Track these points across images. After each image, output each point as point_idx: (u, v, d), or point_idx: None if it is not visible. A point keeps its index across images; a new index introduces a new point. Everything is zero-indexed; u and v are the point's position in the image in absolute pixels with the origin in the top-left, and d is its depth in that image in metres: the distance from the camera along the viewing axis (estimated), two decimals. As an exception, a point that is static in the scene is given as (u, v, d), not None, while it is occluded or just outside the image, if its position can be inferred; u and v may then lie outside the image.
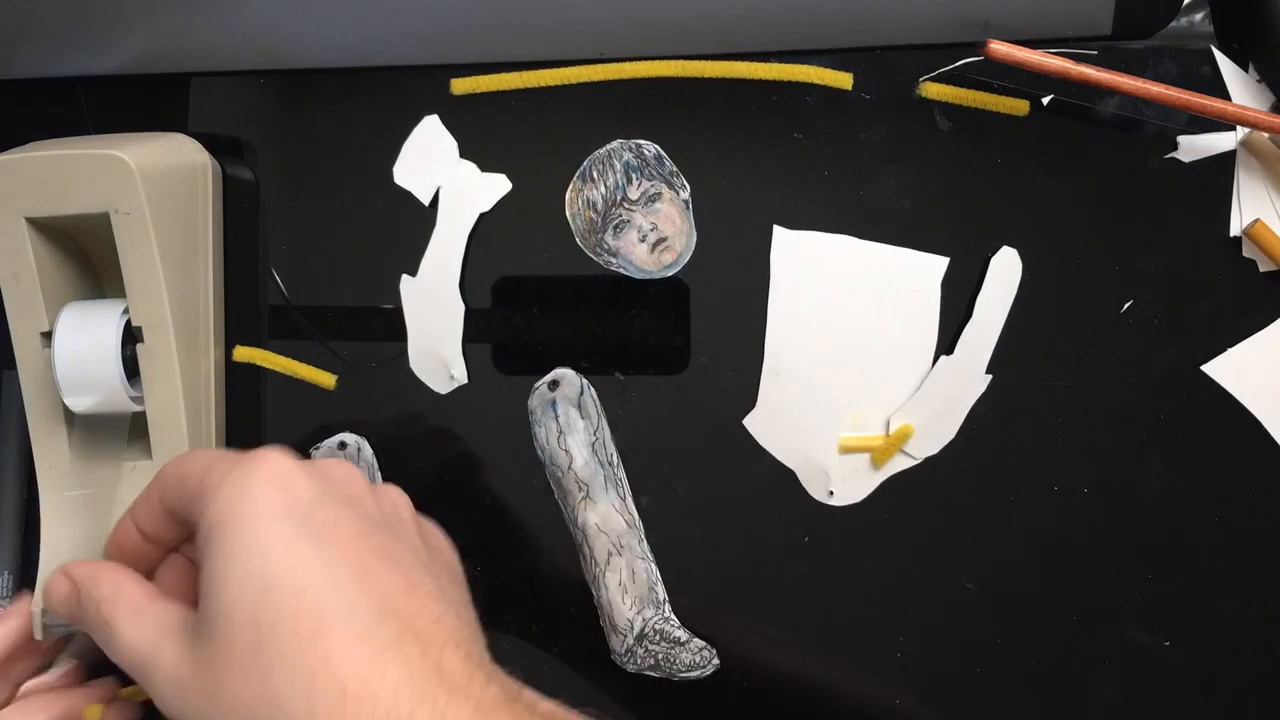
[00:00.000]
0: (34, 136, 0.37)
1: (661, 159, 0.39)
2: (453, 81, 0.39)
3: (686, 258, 0.39)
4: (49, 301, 0.34)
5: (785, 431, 0.39)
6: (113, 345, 0.34)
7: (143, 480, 0.36)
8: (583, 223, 0.39)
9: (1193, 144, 0.39)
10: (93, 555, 0.35)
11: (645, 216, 0.38)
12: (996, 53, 0.36)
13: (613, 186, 0.39)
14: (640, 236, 0.38)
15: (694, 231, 0.39)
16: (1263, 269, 0.39)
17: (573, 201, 0.39)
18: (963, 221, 0.39)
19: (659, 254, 0.38)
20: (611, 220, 0.38)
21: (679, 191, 0.39)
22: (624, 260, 0.39)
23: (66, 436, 0.36)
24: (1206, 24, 0.39)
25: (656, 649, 0.38)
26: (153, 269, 0.34)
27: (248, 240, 0.40)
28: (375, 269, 0.40)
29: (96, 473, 0.36)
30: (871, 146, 0.39)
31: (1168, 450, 0.39)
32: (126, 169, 0.33)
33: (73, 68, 0.40)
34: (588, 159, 0.39)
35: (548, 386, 0.39)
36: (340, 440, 0.40)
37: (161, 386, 0.35)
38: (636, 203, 0.38)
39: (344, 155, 0.40)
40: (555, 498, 0.39)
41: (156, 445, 0.36)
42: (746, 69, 0.39)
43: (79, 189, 0.33)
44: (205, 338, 0.38)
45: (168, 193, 0.35)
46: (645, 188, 0.38)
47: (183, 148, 0.37)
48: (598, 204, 0.39)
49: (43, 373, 0.35)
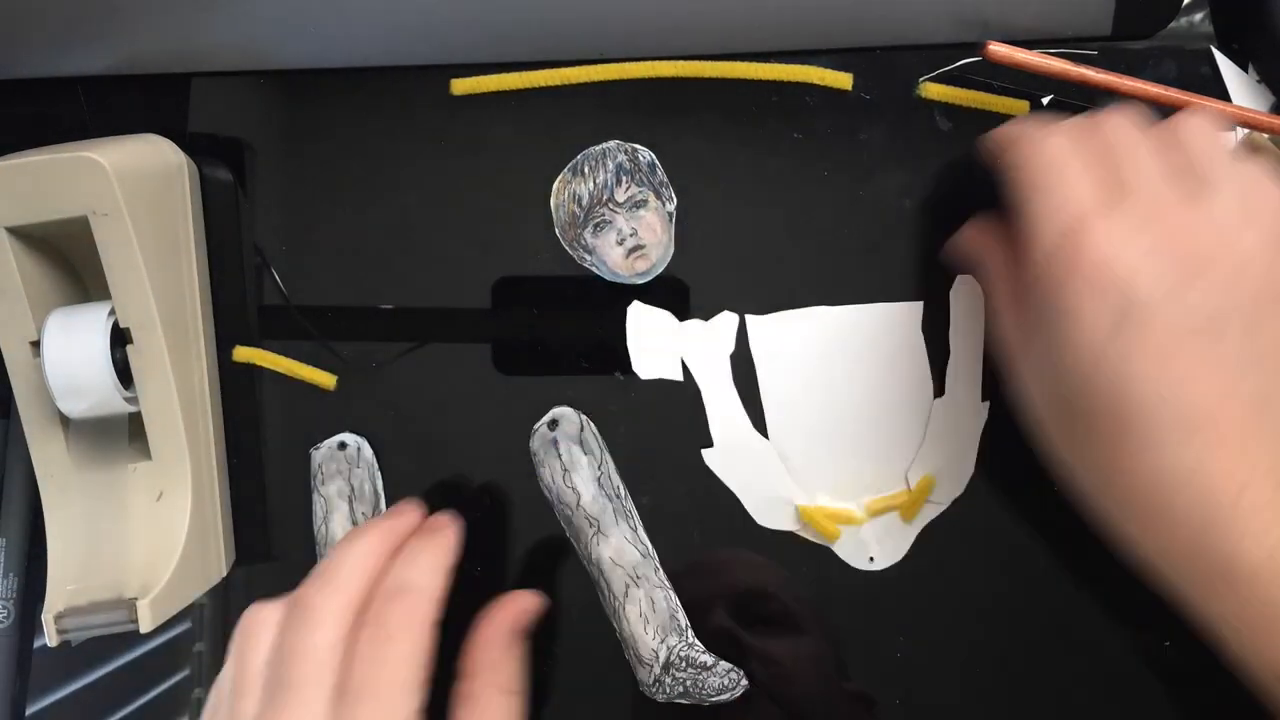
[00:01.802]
0: (34, 136, 0.37)
1: (655, 167, 0.39)
2: (453, 82, 0.39)
3: (660, 269, 0.39)
4: (35, 310, 0.34)
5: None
6: (102, 348, 0.34)
7: (144, 482, 0.36)
8: (565, 215, 0.39)
9: (1193, 144, 0.39)
10: (99, 562, 0.35)
11: (628, 221, 0.38)
12: (996, 54, 0.36)
13: (601, 185, 0.39)
14: (619, 239, 0.38)
15: (672, 244, 0.39)
16: (1263, 269, 0.39)
17: (559, 192, 0.39)
18: (962, 222, 0.39)
19: (634, 260, 0.38)
20: (594, 218, 0.38)
21: (665, 202, 0.39)
22: (598, 259, 0.39)
23: (64, 443, 0.36)
24: (1206, 24, 0.39)
25: (684, 676, 0.37)
26: (136, 268, 0.34)
27: (234, 240, 0.40)
28: (375, 269, 0.40)
29: (97, 477, 0.36)
30: (871, 146, 0.39)
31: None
32: (101, 170, 0.33)
33: (73, 68, 0.40)
34: (581, 153, 0.39)
35: (547, 426, 0.39)
36: (340, 440, 0.40)
37: (155, 386, 0.35)
38: (622, 205, 0.38)
39: (344, 155, 0.40)
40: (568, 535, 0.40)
41: (155, 445, 0.36)
42: (746, 69, 0.39)
43: (56, 194, 0.33)
44: (195, 336, 0.38)
45: (145, 192, 0.35)
46: (633, 192, 0.38)
47: (158, 148, 0.37)
48: (583, 199, 0.39)
49: (35, 382, 0.35)
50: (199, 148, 0.40)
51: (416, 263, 0.40)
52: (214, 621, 0.41)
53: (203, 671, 0.41)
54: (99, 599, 0.34)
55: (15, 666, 0.40)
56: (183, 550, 0.35)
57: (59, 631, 0.34)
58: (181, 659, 0.41)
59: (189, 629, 0.41)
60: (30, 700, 0.41)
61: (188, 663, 0.41)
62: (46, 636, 0.34)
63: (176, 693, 0.41)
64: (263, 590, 0.34)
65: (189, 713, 0.41)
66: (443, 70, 0.40)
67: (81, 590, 0.35)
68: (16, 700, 0.41)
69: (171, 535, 0.36)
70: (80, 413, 0.34)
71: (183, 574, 0.36)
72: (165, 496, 0.36)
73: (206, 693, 0.41)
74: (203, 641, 0.41)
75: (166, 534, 0.36)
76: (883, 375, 0.39)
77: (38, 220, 0.34)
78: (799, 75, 0.39)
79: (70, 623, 0.34)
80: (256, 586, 0.40)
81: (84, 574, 0.35)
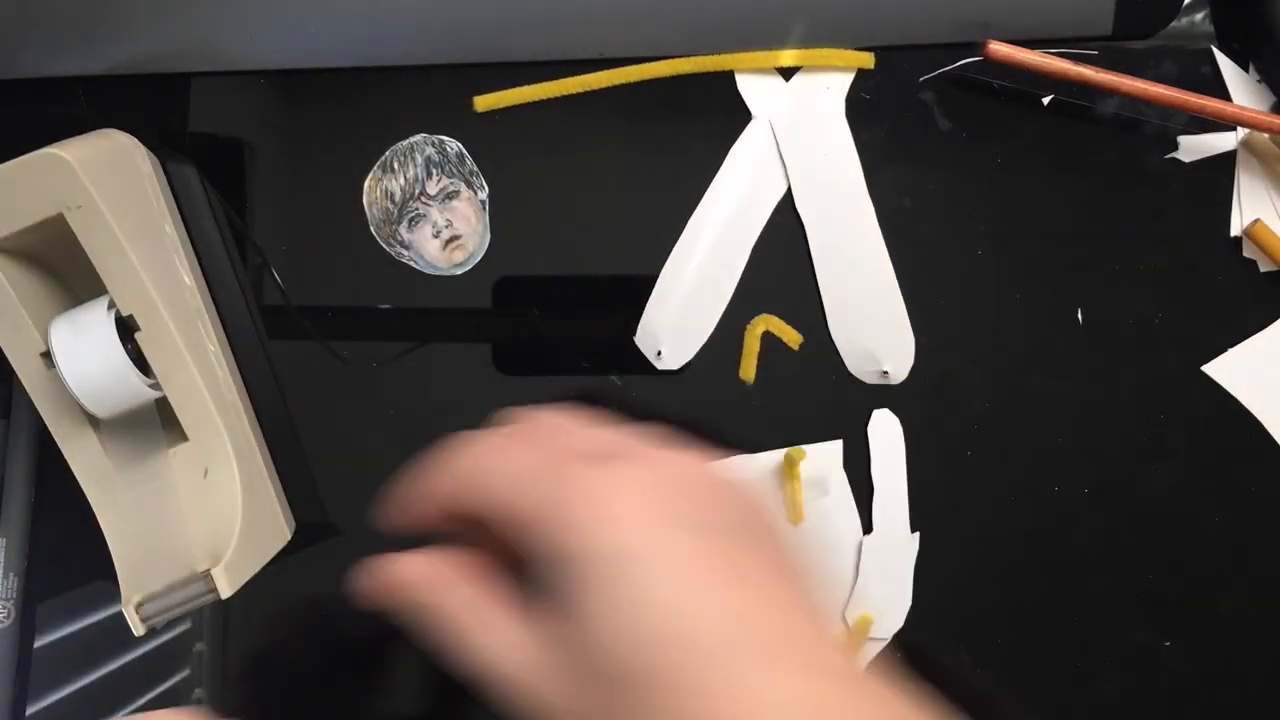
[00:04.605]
0: (34, 136, 0.37)
1: (463, 157, 0.39)
2: (476, 99, 0.39)
3: (478, 257, 0.39)
4: (35, 322, 0.34)
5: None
6: (113, 341, 0.34)
7: (186, 464, 0.36)
8: (379, 212, 0.39)
9: (1193, 144, 0.39)
10: (162, 546, 0.35)
11: (441, 213, 0.38)
12: (996, 53, 0.36)
13: (412, 179, 0.39)
14: (434, 232, 0.38)
15: (488, 232, 0.39)
16: (1263, 269, 0.39)
17: (370, 190, 0.39)
18: (962, 221, 0.39)
19: (450, 251, 0.39)
20: (407, 213, 0.38)
21: (477, 191, 0.39)
22: (415, 254, 0.39)
23: (99, 444, 0.36)
24: (1206, 24, 0.39)
25: None
26: (122, 252, 0.34)
27: (212, 230, 0.40)
28: (375, 268, 0.40)
29: (139, 469, 0.36)
30: (871, 146, 0.39)
31: (1168, 450, 0.39)
32: (66, 165, 0.33)
33: (73, 68, 0.40)
34: (390, 149, 0.40)
35: None
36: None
37: (173, 366, 0.35)
38: (434, 198, 0.38)
39: (344, 155, 0.40)
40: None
41: (188, 425, 0.35)
42: (767, 59, 0.38)
43: (25, 199, 0.33)
44: (201, 317, 0.37)
45: (113, 183, 0.35)
46: (444, 184, 0.38)
47: (117, 141, 0.37)
48: (395, 195, 0.39)
49: (54, 392, 0.35)
50: (199, 148, 0.40)
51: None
52: (214, 621, 0.41)
53: (203, 671, 0.41)
54: (173, 579, 0.34)
55: (15, 666, 0.40)
56: (242, 516, 0.35)
57: (142, 620, 0.34)
58: (181, 659, 0.41)
59: (189, 629, 0.41)
60: (30, 700, 0.41)
61: (188, 663, 0.41)
62: (132, 627, 0.34)
63: (176, 693, 0.41)
64: (324, 559, 0.36)
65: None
66: (442, 70, 0.40)
67: (153, 577, 0.35)
68: (16, 700, 0.41)
69: (228, 505, 0.36)
70: (110, 410, 0.34)
71: (248, 538, 0.35)
72: (211, 472, 0.36)
73: (206, 693, 0.41)
74: (203, 641, 0.41)
75: (222, 505, 0.36)
76: (810, 518, 0.38)
77: (14, 230, 0.34)
78: (820, 60, 0.39)
79: (151, 608, 0.34)
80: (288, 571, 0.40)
81: (150, 561, 0.35)
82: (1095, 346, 0.39)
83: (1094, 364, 0.39)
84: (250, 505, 0.36)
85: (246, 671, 0.41)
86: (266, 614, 0.41)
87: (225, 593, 0.34)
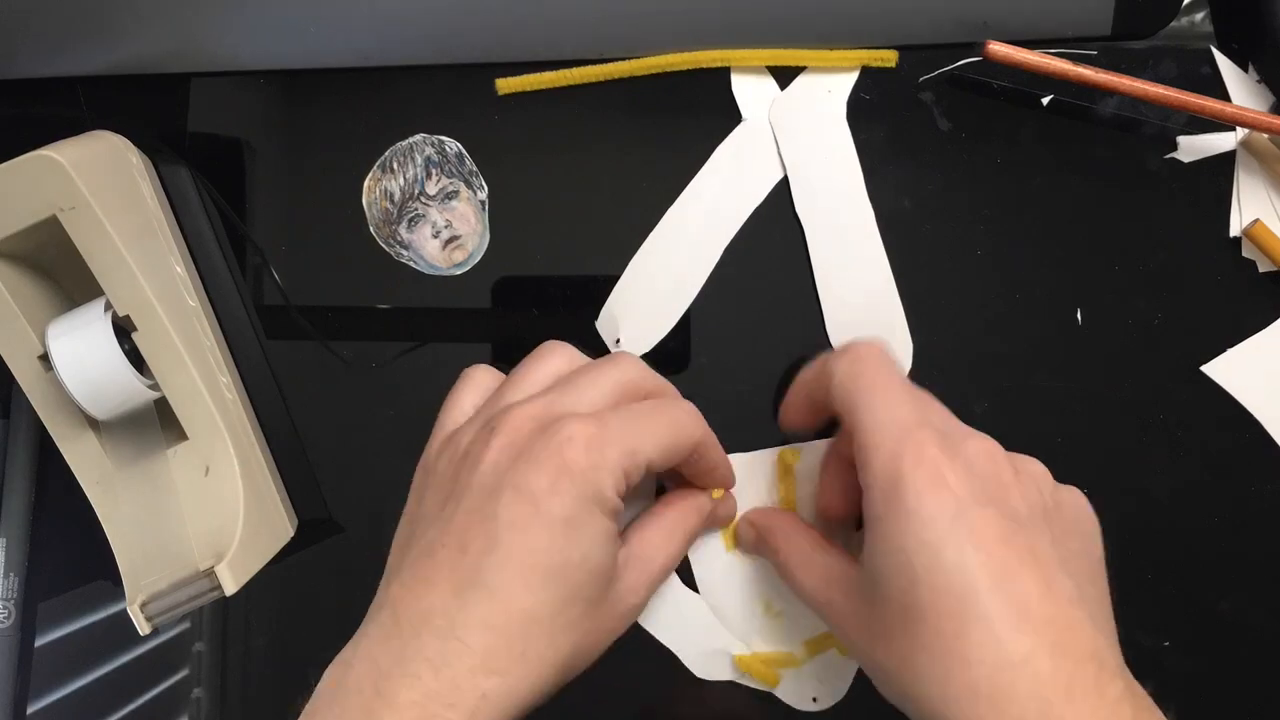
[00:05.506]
0: (34, 137, 0.37)
1: (463, 157, 0.39)
2: (497, 82, 0.39)
3: (478, 258, 0.39)
4: (32, 326, 0.34)
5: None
6: (110, 341, 0.34)
7: (186, 463, 0.36)
8: (378, 212, 0.39)
9: (1193, 144, 0.39)
10: (165, 545, 0.35)
11: (441, 213, 0.38)
12: (996, 53, 0.36)
13: (411, 179, 0.39)
14: (434, 232, 0.39)
15: (487, 233, 0.39)
16: (1263, 269, 0.39)
17: (370, 190, 0.39)
18: (962, 221, 0.39)
19: (450, 251, 0.39)
20: (407, 213, 0.39)
21: (476, 191, 0.39)
22: (415, 254, 0.39)
23: (99, 446, 0.36)
24: (1206, 24, 0.39)
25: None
26: (116, 252, 0.34)
27: (207, 230, 0.40)
28: (374, 268, 0.40)
29: (139, 468, 0.36)
30: (871, 147, 0.39)
31: (1167, 450, 0.39)
32: (58, 166, 0.33)
33: (73, 68, 0.40)
34: (389, 149, 0.40)
35: None
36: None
37: (170, 365, 0.35)
38: (434, 198, 0.38)
39: (344, 155, 0.40)
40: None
41: (187, 423, 0.35)
42: (789, 56, 0.39)
43: (19, 202, 0.33)
44: (198, 317, 0.37)
45: (106, 184, 0.35)
46: (444, 184, 0.39)
47: (109, 142, 0.37)
48: (395, 195, 0.39)
49: (53, 395, 0.35)
50: (198, 148, 0.40)
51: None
52: (214, 621, 0.41)
53: (202, 671, 0.41)
54: (177, 578, 0.34)
55: (15, 666, 0.41)
56: (244, 512, 0.35)
57: (147, 619, 0.34)
58: (181, 659, 0.41)
59: (189, 629, 0.41)
60: (30, 700, 0.41)
61: (188, 663, 0.41)
62: (137, 627, 0.34)
63: (176, 693, 0.41)
64: (324, 558, 0.36)
65: (189, 713, 0.41)
66: (442, 70, 0.40)
67: (156, 576, 0.35)
68: (17, 700, 0.41)
69: (229, 502, 0.36)
70: (109, 411, 0.34)
71: (251, 534, 0.36)
72: (212, 470, 0.36)
73: (206, 693, 0.41)
74: (202, 641, 0.41)
75: (224, 502, 0.36)
76: (805, 516, 0.38)
77: (9, 233, 0.34)
78: (841, 60, 0.39)
79: (156, 607, 0.34)
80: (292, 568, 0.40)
81: (153, 561, 0.35)
82: (1095, 346, 0.39)
83: (1094, 364, 0.39)
84: (252, 502, 0.36)
85: (246, 671, 0.41)
86: (266, 613, 0.41)
87: (230, 589, 0.34)
